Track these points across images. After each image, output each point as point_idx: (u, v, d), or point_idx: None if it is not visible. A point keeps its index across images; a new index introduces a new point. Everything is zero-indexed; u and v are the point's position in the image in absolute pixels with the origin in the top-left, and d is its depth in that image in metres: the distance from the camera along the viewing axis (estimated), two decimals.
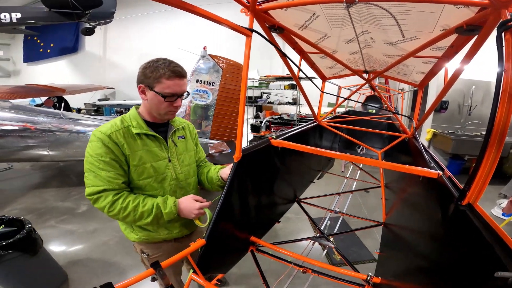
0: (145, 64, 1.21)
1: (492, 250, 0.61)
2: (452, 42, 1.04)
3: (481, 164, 0.72)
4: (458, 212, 0.79)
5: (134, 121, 1.26)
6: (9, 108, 4.23)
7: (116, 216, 1.19)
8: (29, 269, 2.22)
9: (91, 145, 1.19)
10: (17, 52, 9.92)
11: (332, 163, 3.49)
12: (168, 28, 8.67)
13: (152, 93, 1.21)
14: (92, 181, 1.16)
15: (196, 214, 1.26)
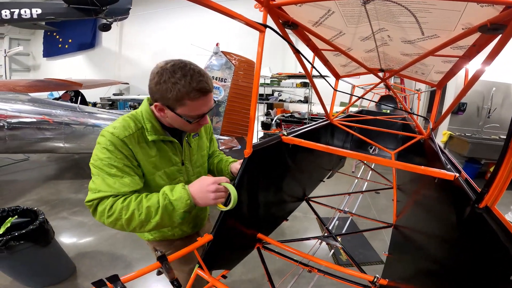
0: (158, 76, 0.95)
1: (507, 253, 0.59)
2: (475, 41, 1.00)
3: (502, 166, 0.69)
4: (474, 215, 0.77)
5: (148, 123, 1.08)
6: (28, 101, 4.36)
7: (117, 221, 0.95)
8: (40, 260, 2.26)
9: (101, 148, 1.00)
10: (37, 47, 10.17)
11: (343, 163, 3.44)
12: (182, 25, 8.74)
13: (173, 114, 1.02)
14: (99, 186, 0.97)
15: (215, 195, 0.99)
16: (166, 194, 0.98)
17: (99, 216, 0.98)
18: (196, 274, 1.12)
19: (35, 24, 6.90)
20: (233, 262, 1.40)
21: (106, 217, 0.96)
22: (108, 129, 1.04)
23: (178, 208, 0.97)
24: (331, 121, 2.13)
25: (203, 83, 0.98)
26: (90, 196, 0.98)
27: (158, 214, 0.96)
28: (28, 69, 10.46)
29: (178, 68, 0.95)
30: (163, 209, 0.96)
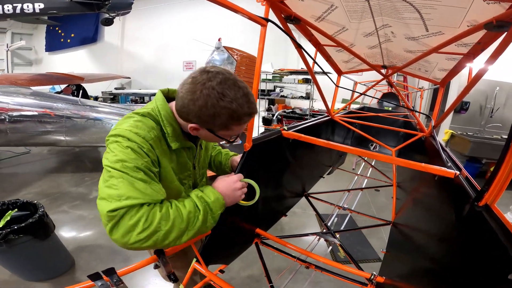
0: (203, 98, 0.79)
1: (506, 252, 0.59)
2: (480, 38, 0.99)
3: (502, 164, 0.68)
4: (473, 213, 0.77)
5: (169, 126, 0.93)
6: (29, 94, 4.37)
7: (152, 236, 0.75)
8: (39, 254, 2.25)
9: (123, 148, 0.82)
10: (39, 42, 10.15)
11: (343, 160, 3.43)
12: (184, 19, 8.70)
13: (211, 135, 0.91)
14: (127, 191, 0.75)
15: (241, 191, 0.97)
16: (201, 197, 0.87)
17: (125, 232, 0.72)
18: (194, 269, 1.12)
19: (38, 19, 6.87)
20: (231, 257, 1.41)
21: (138, 232, 0.73)
22: (129, 128, 0.85)
23: (216, 210, 0.88)
24: (332, 117, 2.12)
25: (253, 106, 0.88)
26: (115, 204, 0.73)
27: (200, 220, 0.84)
28: (30, 63, 10.44)
29: (227, 88, 0.80)
30: (204, 214, 0.85)
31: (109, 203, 0.73)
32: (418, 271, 1.04)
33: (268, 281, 1.33)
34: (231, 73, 0.84)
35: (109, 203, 0.73)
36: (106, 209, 0.72)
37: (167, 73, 9.05)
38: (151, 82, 9.21)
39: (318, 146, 1.94)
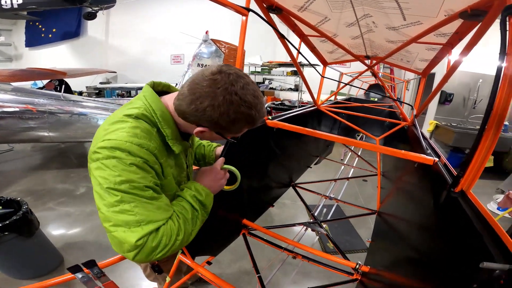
0: (226, 105, 0.74)
1: (481, 240, 0.59)
2: (457, 28, 1.00)
3: (477, 150, 0.69)
4: (450, 199, 0.77)
5: (167, 128, 0.85)
6: (10, 90, 4.23)
7: (171, 248, 0.77)
8: (25, 251, 2.21)
9: (125, 165, 0.73)
10: (19, 37, 9.84)
11: (330, 150, 3.47)
12: (171, 13, 8.56)
13: (217, 136, 0.88)
14: (144, 216, 0.72)
15: (225, 179, 1.00)
16: (195, 197, 0.89)
17: (148, 254, 0.73)
18: (180, 260, 1.13)
19: (16, 14, 6.60)
20: (218, 248, 1.41)
21: (160, 250, 0.74)
22: (129, 139, 0.75)
23: (209, 204, 0.91)
24: (318, 106, 2.12)
25: (265, 109, 0.85)
26: (139, 233, 0.70)
27: (199, 219, 0.87)
28: (10, 59, 10.12)
29: (248, 94, 0.76)
30: (201, 212, 0.88)
31: (131, 232, 0.70)
32: (400, 260, 1.05)
33: (256, 272, 1.34)
34: (246, 75, 0.80)
35: (131, 232, 0.70)
36: (133, 240, 0.69)
37: (154, 67, 8.89)
38: (138, 76, 9.02)
39: (305, 136, 1.95)
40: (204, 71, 0.76)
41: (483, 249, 0.57)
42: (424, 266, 0.81)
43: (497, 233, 0.60)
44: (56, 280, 0.74)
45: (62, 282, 0.74)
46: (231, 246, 2.68)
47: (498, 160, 5.58)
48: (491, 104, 0.65)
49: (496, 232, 0.60)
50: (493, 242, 0.57)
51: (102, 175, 0.72)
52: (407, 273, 0.92)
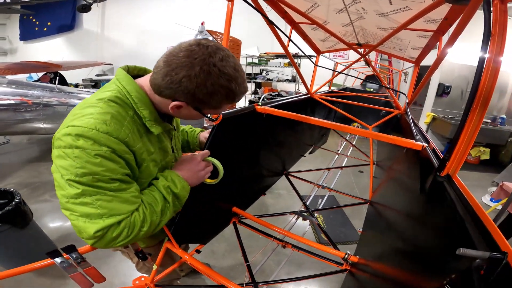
0: (203, 75, 0.70)
1: (463, 225, 0.56)
2: (446, 14, 0.99)
3: (462, 132, 0.67)
4: (435, 184, 0.75)
5: (143, 109, 0.81)
6: (6, 83, 4.23)
7: (134, 238, 0.77)
8: (19, 242, 2.21)
9: (90, 156, 0.69)
10: (13, 31, 9.81)
11: (325, 139, 3.47)
12: (167, 4, 8.49)
13: (195, 113, 0.82)
14: (107, 210, 0.71)
15: (205, 172, 0.96)
16: (168, 188, 0.86)
17: (108, 242, 0.73)
18: (167, 248, 1.12)
19: (9, 8, 6.49)
20: (207, 236, 1.40)
21: (121, 240, 0.74)
22: (95, 126, 0.69)
23: (183, 197, 0.89)
24: (311, 95, 2.09)
25: (246, 85, 0.81)
26: (97, 225, 0.69)
27: (170, 211, 0.86)
28: (5, 53, 10.13)
29: (227, 66, 0.72)
30: (172, 204, 0.86)
31: (92, 224, 0.69)
32: (388, 249, 1.03)
33: (245, 260, 1.35)
34: (227, 49, 0.76)
35: (91, 223, 0.69)
36: (91, 231, 0.69)
37: (150, 58, 8.70)
38: None
39: (298, 124, 1.93)
40: (181, 43, 0.73)
41: (464, 235, 0.54)
42: (410, 255, 0.79)
43: (480, 218, 0.56)
44: (35, 265, 0.74)
45: (41, 268, 0.74)
46: (227, 236, 2.71)
47: (495, 153, 5.60)
48: (476, 85, 0.64)
49: (479, 217, 0.57)
50: (476, 228, 0.54)
51: (62, 165, 0.68)
52: (393, 263, 0.90)
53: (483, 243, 0.49)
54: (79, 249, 0.78)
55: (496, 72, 0.61)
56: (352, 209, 3.58)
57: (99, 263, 2.38)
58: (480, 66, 0.64)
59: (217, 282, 1.10)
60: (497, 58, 0.59)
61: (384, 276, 0.92)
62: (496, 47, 0.60)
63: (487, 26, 0.60)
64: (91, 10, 6.05)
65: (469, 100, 0.66)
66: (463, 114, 0.68)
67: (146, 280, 1.08)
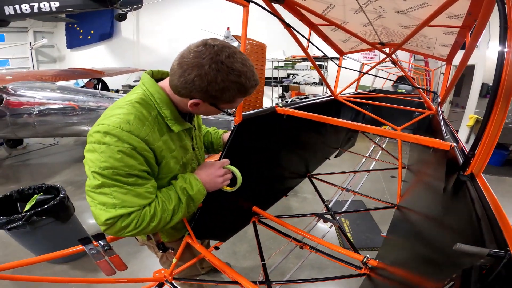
0: (213, 73, 0.76)
1: (479, 224, 0.52)
2: (469, 8, 0.94)
3: (486, 128, 0.64)
4: (458, 183, 0.72)
5: (165, 109, 0.89)
6: (56, 89, 4.63)
7: (142, 231, 0.85)
8: (60, 236, 2.36)
9: (113, 152, 0.77)
10: (60, 40, 10.57)
11: (353, 142, 3.36)
12: (194, 10, 8.71)
13: (212, 108, 0.88)
14: (120, 201, 0.79)
15: (223, 179, 1.00)
16: (185, 189, 0.92)
17: (117, 231, 0.82)
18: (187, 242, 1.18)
19: (56, 17, 7.18)
20: (227, 234, 1.43)
21: (129, 230, 0.82)
22: (120, 125, 0.78)
23: (197, 200, 0.95)
24: (336, 97, 2.04)
25: (257, 77, 0.85)
26: (109, 213, 0.78)
27: (182, 210, 0.91)
28: (54, 61, 10.92)
29: (235, 62, 0.78)
30: (186, 205, 0.92)
31: (105, 212, 0.78)
32: (407, 254, 1.00)
33: (261, 259, 1.35)
34: (234, 46, 0.81)
35: (104, 211, 0.78)
36: (103, 218, 0.78)
37: None
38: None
39: (322, 126, 1.90)
40: (190, 46, 0.80)
41: (478, 234, 0.51)
42: (427, 259, 0.75)
43: (496, 217, 0.52)
44: (67, 251, 0.82)
45: (72, 253, 0.83)
46: (249, 238, 2.74)
47: None
48: (498, 80, 0.61)
49: (496, 216, 0.53)
50: (490, 228, 0.50)
51: (91, 158, 0.78)
52: (411, 268, 0.86)
53: (493, 243, 0.46)
54: (107, 237, 0.86)
55: None
56: (382, 215, 3.42)
57: (129, 258, 2.54)
58: (500, 60, 0.61)
59: (232, 279, 1.12)
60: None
61: (401, 281, 0.88)
62: None
63: (502, 19, 0.58)
64: (127, 19, 6.50)
65: (492, 95, 0.63)
66: (485, 110, 0.65)
67: (166, 272, 1.14)
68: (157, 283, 1.11)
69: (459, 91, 7.28)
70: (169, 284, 1.12)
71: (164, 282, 1.12)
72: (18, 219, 2.07)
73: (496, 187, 4.57)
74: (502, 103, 0.61)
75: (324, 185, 2.14)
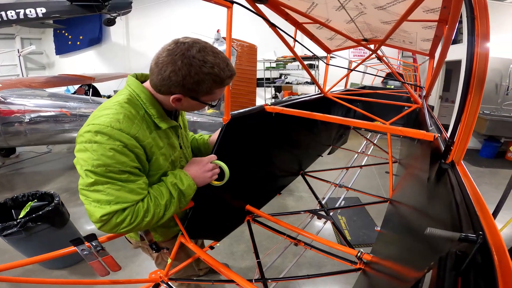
0: (186, 68, 0.80)
1: (457, 211, 0.53)
2: (443, 2, 0.97)
3: (462, 115, 0.65)
4: (440, 171, 0.73)
5: (151, 108, 0.92)
6: (47, 96, 4.57)
7: (136, 227, 0.86)
8: (56, 242, 2.34)
9: (105, 150, 0.79)
10: (49, 46, 10.43)
11: (345, 139, 3.39)
12: (184, 14, 8.71)
13: (194, 102, 0.91)
14: (114, 197, 0.81)
15: (212, 173, 1.04)
16: (175, 185, 0.95)
17: (112, 228, 0.83)
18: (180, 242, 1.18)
19: (43, 23, 7.13)
20: (221, 233, 1.43)
21: (124, 227, 0.84)
22: (111, 124, 0.81)
23: (188, 195, 0.97)
24: (325, 94, 2.07)
25: (232, 68, 0.89)
26: (104, 209, 0.79)
27: (173, 205, 0.94)
28: (44, 67, 10.79)
29: (207, 55, 0.82)
30: (178, 200, 0.94)
31: (100, 208, 0.80)
32: (398, 246, 1.00)
33: (256, 257, 1.36)
34: (205, 41, 0.86)
35: (99, 208, 0.80)
36: (98, 214, 0.80)
37: None
38: None
39: (312, 124, 1.92)
40: (164, 46, 0.85)
41: (455, 221, 0.50)
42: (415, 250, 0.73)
43: (473, 203, 0.53)
44: (59, 252, 0.83)
45: (64, 255, 0.83)
46: (246, 238, 2.75)
47: None
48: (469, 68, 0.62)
49: (473, 203, 0.53)
50: (468, 214, 0.50)
51: (82, 157, 0.80)
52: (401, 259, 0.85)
53: (470, 229, 0.45)
54: (99, 238, 0.86)
55: (486, 53, 0.60)
56: (378, 211, 3.47)
57: (126, 261, 2.53)
58: (470, 49, 0.63)
59: (227, 277, 1.13)
60: (483, 38, 0.59)
61: (391, 273, 0.89)
62: (481, 27, 0.60)
63: (469, 10, 0.60)
64: (117, 23, 6.46)
65: (465, 83, 0.65)
66: (460, 98, 0.67)
67: (161, 273, 1.14)
68: (153, 284, 1.11)
69: (449, 86, 7.39)
70: (165, 284, 1.12)
71: (160, 283, 1.12)
72: (13, 225, 2.07)
73: (490, 179, 4.65)
74: (475, 89, 0.63)
75: (319, 183, 2.16)
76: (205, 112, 3.93)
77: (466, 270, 0.38)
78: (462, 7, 0.81)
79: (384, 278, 0.99)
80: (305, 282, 2.33)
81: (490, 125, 5.23)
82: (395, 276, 0.82)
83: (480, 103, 0.65)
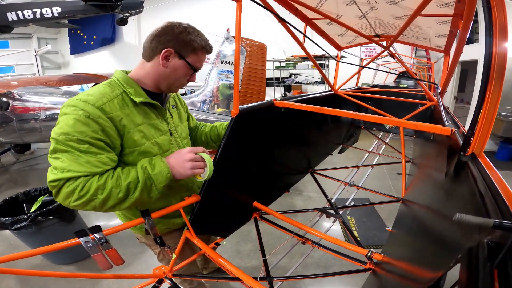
0: (182, 28, 1.00)
1: (482, 202, 0.49)
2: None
3: (483, 106, 0.62)
4: (460, 164, 0.69)
5: (129, 87, 0.98)
6: (62, 94, 4.71)
7: (89, 203, 0.86)
8: (65, 237, 2.40)
9: (70, 120, 0.84)
10: (64, 45, 10.76)
11: (356, 138, 3.34)
12: (194, 13, 8.77)
13: (181, 62, 1.01)
14: (69, 165, 0.83)
15: (192, 164, 0.98)
16: (145, 168, 0.92)
17: (64, 198, 0.85)
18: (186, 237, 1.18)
19: (58, 23, 7.34)
20: (227, 229, 1.42)
21: (74, 199, 0.84)
22: (80, 96, 0.89)
23: (158, 182, 0.93)
24: (335, 91, 2.02)
25: (211, 45, 1.11)
26: (55, 175, 0.82)
27: (138, 190, 0.90)
28: (59, 66, 11.13)
29: (194, 30, 1.05)
30: (143, 184, 0.90)
31: (52, 174, 0.84)
32: (413, 245, 0.97)
33: (262, 255, 1.34)
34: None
35: (52, 174, 0.84)
36: (49, 179, 0.84)
37: None
38: None
39: (322, 121, 1.89)
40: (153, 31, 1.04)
41: (480, 212, 0.47)
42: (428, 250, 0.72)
43: (500, 192, 0.48)
44: (64, 244, 0.83)
45: (69, 246, 0.84)
46: (253, 237, 2.73)
47: None
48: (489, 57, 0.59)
49: (500, 192, 0.48)
50: (495, 203, 0.46)
51: (54, 128, 0.88)
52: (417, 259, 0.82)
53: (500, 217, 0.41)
54: (104, 230, 0.87)
55: (505, 41, 0.57)
56: (389, 213, 3.41)
57: (133, 258, 2.56)
58: (488, 39, 0.61)
59: (232, 275, 1.12)
60: (501, 27, 0.56)
61: (405, 274, 0.86)
62: (498, 16, 0.57)
63: None
64: (129, 23, 6.59)
65: (485, 71, 0.62)
66: (480, 88, 0.64)
67: (165, 269, 1.14)
68: (156, 280, 1.11)
69: (464, 86, 7.19)
70: (169, 280, 1.12)
71: (164, 279, 1.12)
72: (24, 219, 2.11)
73: (506, 183, 4.49)
74: (495, 79, 0.60)
75: (328, 183, 2.12)
76: (214, 111, 3.94)
77: (502, 261, 0.35)
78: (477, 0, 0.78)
79: (396, 279, 0.95)
80: (311, 282, 2.30)
81: (507, 126, 5.05)
82: (409, 277, 0.79)
83: (502, 90, 0.61)
